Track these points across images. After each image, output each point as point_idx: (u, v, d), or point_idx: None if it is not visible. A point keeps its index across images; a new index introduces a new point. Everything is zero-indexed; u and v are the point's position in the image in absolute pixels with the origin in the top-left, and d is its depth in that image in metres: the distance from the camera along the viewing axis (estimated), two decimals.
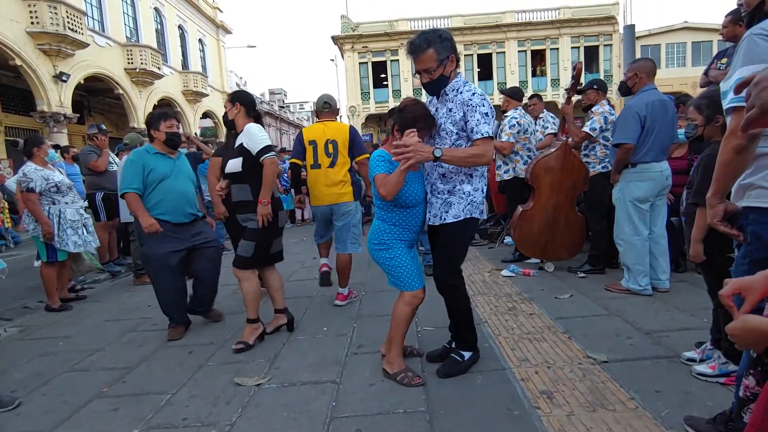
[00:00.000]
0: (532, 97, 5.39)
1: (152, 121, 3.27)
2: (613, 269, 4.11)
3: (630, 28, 8.30)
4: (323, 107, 3.64)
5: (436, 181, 2.28)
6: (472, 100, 2.14)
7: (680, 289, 3.49)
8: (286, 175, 4.00)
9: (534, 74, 27.24)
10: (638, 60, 3.53)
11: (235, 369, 2.57)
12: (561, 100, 4.30)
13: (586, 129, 3.95)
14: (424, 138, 2.22)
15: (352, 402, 2.13)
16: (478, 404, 2.03)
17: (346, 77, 27.14)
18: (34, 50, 12.21)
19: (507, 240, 5.64)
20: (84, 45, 13.28)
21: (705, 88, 3.67)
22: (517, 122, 4.61)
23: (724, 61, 3.66)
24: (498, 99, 16.74)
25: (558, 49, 26.54)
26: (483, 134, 2.12)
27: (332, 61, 31.94)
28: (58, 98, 12.97)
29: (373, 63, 27.05)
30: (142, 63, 16.31)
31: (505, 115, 4.75)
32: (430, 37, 2.14)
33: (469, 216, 2.25)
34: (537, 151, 4.65)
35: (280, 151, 9.77)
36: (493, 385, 2.20)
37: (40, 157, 4.03)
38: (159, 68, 17.22)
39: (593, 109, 4.01)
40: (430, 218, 2.31)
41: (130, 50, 16.25)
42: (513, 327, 2.93)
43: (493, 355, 2.51)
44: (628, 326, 2.83)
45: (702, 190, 1.73)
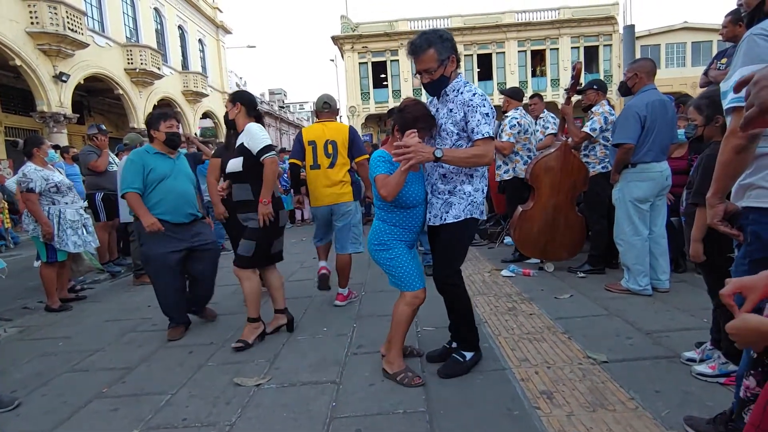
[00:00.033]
0: (533, 96, 5.38)
1: (152, 121, 3.27)
2: (613, 269, 4.11)
3: (630, 28, 8.31)
4: (323, 107, 3.64)
5: (437, 182, 2.28)
6: (472, 100, 2.14)
7: (680, 290, 3.49)
8: (285, 176, 4.00)
9: (534, 74, 27.26)
10: (638, 60, 3.53)
11: (235, 369, 2.57)
12: (561, 101, 4.30)
13: (586, 129, 3.95)
14: (425, 138, 2.22)
15: (352, 402, 2.13)
16: (478, 404, 2.03)
17: (346, 77, 27.15)
18: (34, 50, 12.22)
19: (507, 240, 5.64)
20: (84, 45, 13.29)
21: (705, 88, 3.67)
22: (518, 122, 4.62)
23: (724, 61, 3.66)
24: (498, 99, 16.72)
25: (558, 49, 26.57)
26: (484, 135, 2.12)
27: (332, 61, 31.99)
28: (57, 98, 12.97)
29: (372, 63, 27.07)
30: (142, 63, 16.33)
31: (506, 115, 4.75)
32: (431, 37, 2.13)
33: (469, 216, 2.25)
34: (537, 152, 4.65)
35: (280, 151, 9.75)
36: (493, 385, 2.20)
37: (40, 157, 4.03)
38: (159, 68, 17.24)
39: (593, 110, 4.02)
40: (430, 218, 2.31)
41: (130, 50, 16.27)
42: (513, 327, 2.93)
43: (493, 356, 2.51)
44: (628, 326, 2.83)
45: (702, 190, 1.73)
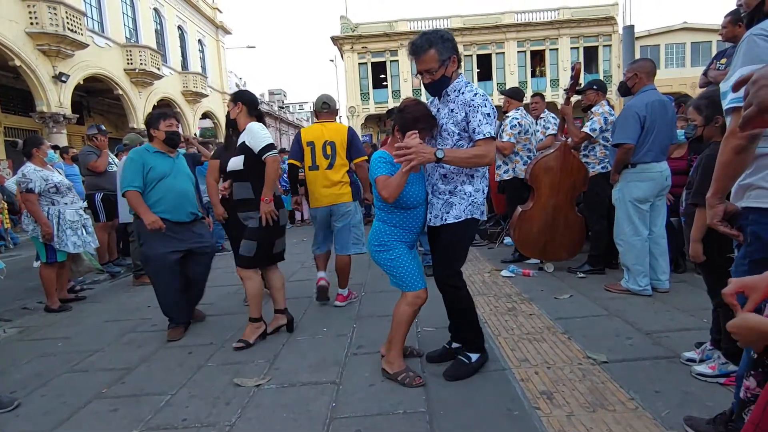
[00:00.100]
0: (535, 96, 5.38)
1: (152, 121, 3.28)
2: (613, 269, 4.11)
3: (629, 29, 8.31)
4: (322, 107, 3.63)
5: (438, 182, 2.27)
6: (474, 100, 2.14)
7: (680, 290, 3.49)
8: (285, 176, 3.99)
9: (533, 75, 27.28)
10: (638, 60, 3.54)
11: (235, 369, 2.57)
12: (560, 101, 4.31)
13: (586, 129, 3.95)
14: (425, 138, 2.21)
15: (352, 402, 2.12)
16: (478, 405, 2.03)
17: (346, 78, 27.16)
18: (34, 51, 12.21)
19: (507, 240, 5.64)
20: (83, 45, 13.29)
21: (704, 89, 3.67)
22: (518, 122, 4.62)
23: (724, 61, 3.66)
24: (498, 99, 16.72)
25: (557, 49, 26.59)
26: (485, 135, 2.11)
27: (332, 61, 32.00)
28: (57, 99, 12.97)
29: (372, 63, 27.08)
30: (141, 63, 16.33)
31: (507, 115, 4.75)
32: (432, 37, 2.13)
33: (470, 217, 2.24)
34: (537, 152, 4.65)
35: (279, 151, 9.75)
36: (493, 385, 2.20)
37: (40, 157, 4.02)
38: (158, 69, 17.23)
39: (593, 110, 4.02)
40: (431, 219, 2.31)
41: (130, 51, 16.27)
42: (513, 327, 2.93)
43: (493, 356, 2.50)
44: (628, 326, 2.83)
45: (702, 190, 1.73)
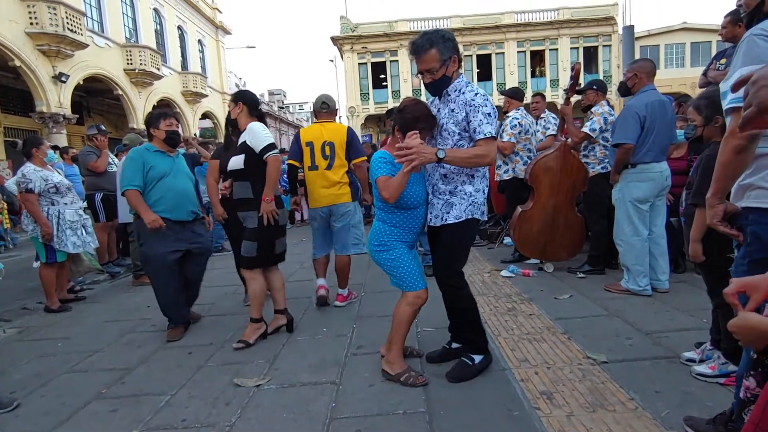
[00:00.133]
0: (536, 95, 5.39)
1: (152, 120, 3.28)
2: (613, 270, 4.11)
3: (629, 29, 8.30)
4: (321, 107, 3.62)
5: (438, 182, 2.27)
6: (474, 100, 2.14)
7: (680, 290, 3.49)
8: (285, 176, 4.00)
9: (533, 75, 27.28)
10: (638, 60, 3.54)
11: (235, 370, 2.56)
12: (560, 101, 4.31)
13: (586, 129, 3.95)
14: (426, 138, 2.21)
15: (352, 403, 2.12)
16: (478, 405, 2.03)
17: (346, 78, 27.16)
18: (33, 51, 12.21)
19: (506, 240, 5.64)
20: (83, 46, 13.28)
21: (704, 89, 3.67)
22: (519, 122, 4.61)
23: (723, 61, 3.67)
24: (498, 100, 16.71)
25: (557, 49, 26.59)
26: (486, 134, 2.11)
27: (332, 61, 31.99)
28: (57, 99, 12.96)
29: (372, 64, 27.08)
30: (141, 64, 16.32)
31: (507, 115, 4.75)
32: (433, 37, 2.13)
33: (470, 217, 2.24)
34: (537, 152, 4.65)
35: (279, 151, 9.76)
36: (493, 385, 2.20)
37: (39, 157, 4.02)
38: (158, 69, 17.23)
39: (593, 110, 4.02)
40: (431, 219, 2.30)
41: (130, 51, 16.26)
42: (513, 327, 2.93)
43: (492, 356, 2.49)
44: (628, 327, 2.83)
45: (701, 190, 1.73)
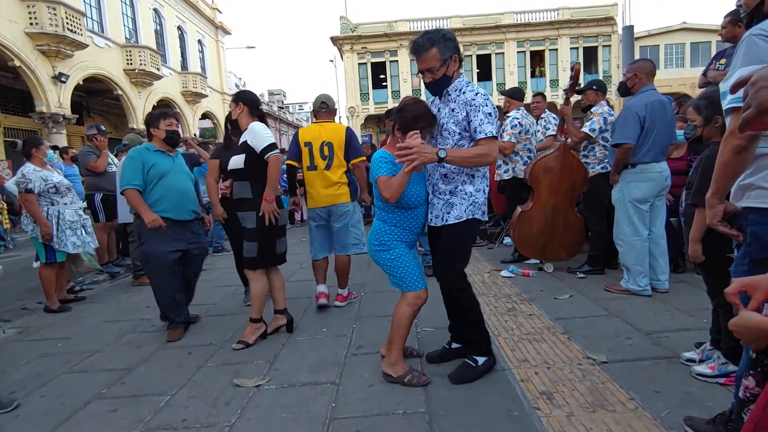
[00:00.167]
0: (536, 95, 5.39)
1: (152, 120, 3.28)
2: (613, 270, 4.11)
3: (629, 29, 8.30)
4: (320, 107, 3.61)
5: (438, 182, 2.26)
6: (475, 99, 2.13)
7: (679, 290, 3.49)
8: (284, 176, 4.00)
9: (533, 75, 27.29)
10: (637, 61, 3.54)
11: (235, 370, 2.56)
12: (560, 101, 4.32)
13: (586, 129, 3.95)
14: (426, 138, 2.20)
15: (352, 403, 2.12)
16: (478, 405, 2.03)
17: (345, 78, 27.16)
18: (33, 51, 12.20)
19: (506, 241, 5.64)
20: (83, 46, 13.27)
21: (704, 89, 3.68)
22: (519, 122, 4.61)
23: (723, 61, 3.67)
24: (497, 100, 16.70)
25: (557, 49, 26.60)
26: (487, 134, 2.10)
27: (331, 62, 31.98)
28: (57, 99, 12.95)
29: (372, 64, 27.08)
30: (141, 64, 16.31)
31: (507, 115, 4.75)
32: (434, 36, 2.12)
33: (471, 217, 2.23)
34: (537, 152, 4.65)
35: (280, 151, 9.76)
36: (493, 385, 2.20)
37: (39, 158, 4.02)
38: (158, 69, 17.22)
39: (592, 110, 4.02)
40: (431, 219, 2.30)
41: (129, 51, 16.25)
42: (512, 328, 2.93)
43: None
44: (628, 327, 2.83)
45: (701, 190, 1.73)
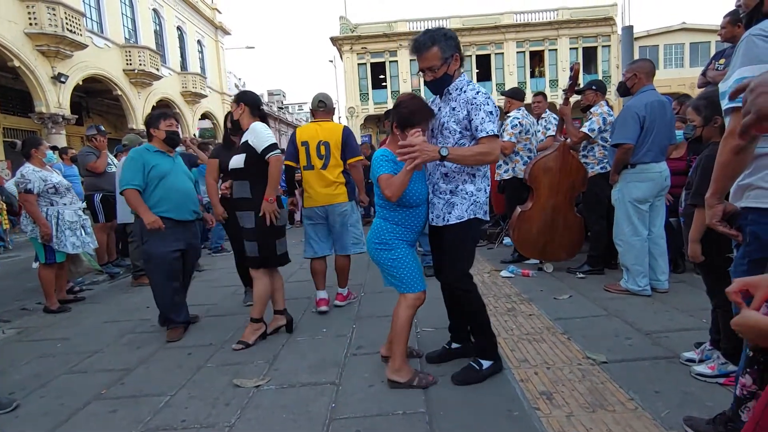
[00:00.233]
0: (537, 94, 5.40)
1: (152, 120, 3.28)
2: (612, 270, 4.11)
3: (628, 29, 8.31)
4: (318, 106, 3.58)
5: (439, 181, 2.25)
6: (476, 98, 2.13)
7: (679, 290, 3.49)
8: (283, 176, 3.99)
9: (533, 75, 27.30)
10: (637, 61, 3.54)
11: (234, 370, 2.56)
12: (559, 101, 4.34)
13: (585, 130, 3.96)
14: (424, 133, 2.19)
15: (352, 403, 2.12)
16: (478, 405, 2.03)
17: (345, 78, 27.16)
18: (33, 51, 12.19)
19: (506, 241, 5.65)
20: (82, 46, 13.27)
21: (703, 89, 3.68)
22: (519, 122, 4.61)
23: (722, 61, 3.67)
24: (497, 100, 16.75)
25: (556, 50, 26.61)
26: (488, 132, 2.09)
27: (331, 62, 31.94)
28: (56, 99, 12.95)
29: (371, 64, 27.09)
30: (140, 64, 16.31)
31: (508, 115, 4.75)
32: (435, 35, 2.12)
33: (472, 216, 2.21)
34: (537, 152, 4.65)
35: (281, 151, 9.76)
36: (493, 386, 2.19)
37: (38, 158, 4.02)
38: (157, 69, 17.22)
39: (592, 110, 4.03)
40: (432, 219, 2.28)
41: (129, 51, 16.25)
42: (512, 328, 2.93)
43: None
44: (628, 327, 2.83)
45: (701, 190, 1.73)
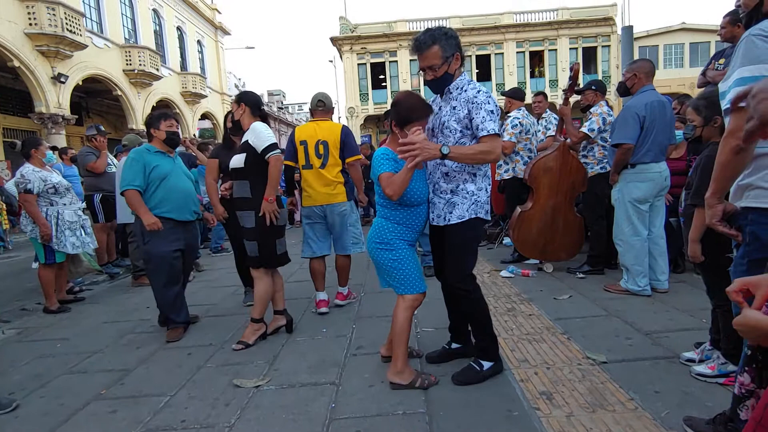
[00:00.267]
0: (538, 94, 5.40)
1: (152, 121, 3.28)
2: (612, 270, 4.11)
3: (628, 29, 8.31)
4: (317, 105, 3.57)
5: (439, 180, 2.24)
6: (477, 97, 2.12)
7: (679, 290, 3.50)
8: (282, 176, 3.98)
9: (532, 75, 27.29)
10: (637, 61, 3.54)
11: (234, 371, 2.56)
12: (559, 101, 4.35)
13: (585, 130, 3.96)
14: (424, 128, 2.17)
15: (352, 403, 2.12)
16: (478, 405, 2.03)
17: (345, 78, 27.15)
18: (33, 51, 12.19)
19: (506, 241, 5.65)
20: (82, 46, 13.26)
21: (703, 89, 3.68)
22: (519, 122, 4.61)
23: (722, 61, 3.68)
24: (497, 100, 16.71)
25: (556, 50, 26.60)
26: (489, 131, 2.08)
27: (331, 62, 31.96)
28: (56, 99, 12.95)
29: (371, 64, 27.08)
30: (140, 64, 16.30)
31: (508, 115, 4.76)
32: (436, 34, 2.11)
33: (474, 216, 2.19)
34: (537, 152, 4.65)
35: (281, 151, 9.75)
36: (493, 386, 2.19)
37: (38, 158, 4.02)
38: (157, 69, 17.21)
39: (592, 110, 4.03)
40: (433, 218, 2.27)
41: (129, 51, 16.24)
42: (512, 328, 2.92)
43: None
44: (628, 327, 2.83)
45: (701, 190, 1.73)
